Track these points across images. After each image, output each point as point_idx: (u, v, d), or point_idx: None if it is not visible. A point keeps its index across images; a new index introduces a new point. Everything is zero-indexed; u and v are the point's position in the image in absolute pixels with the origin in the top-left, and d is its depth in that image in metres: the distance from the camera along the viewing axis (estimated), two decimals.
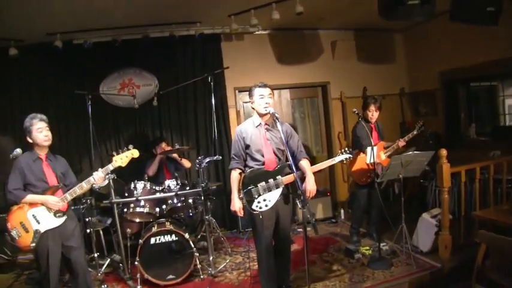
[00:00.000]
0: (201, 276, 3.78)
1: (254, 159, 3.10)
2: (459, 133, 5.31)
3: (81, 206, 3.96)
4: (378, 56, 6.05)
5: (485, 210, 3.63)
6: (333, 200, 5.57)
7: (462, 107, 5.34)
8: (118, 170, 3.15)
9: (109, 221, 4.36)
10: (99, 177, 2.95)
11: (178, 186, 4.09)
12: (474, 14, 3.61)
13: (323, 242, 4.56)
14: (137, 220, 4.16)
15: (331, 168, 5.84)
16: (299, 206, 2.59)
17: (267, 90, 3.09)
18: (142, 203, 4.03)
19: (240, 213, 3.07)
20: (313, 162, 3.21)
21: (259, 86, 3.09)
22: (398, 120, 6.12)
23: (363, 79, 5.86)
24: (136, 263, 3.61)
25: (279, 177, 3.02)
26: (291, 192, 3.12)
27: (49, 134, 2.96)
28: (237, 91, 5.56)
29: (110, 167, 2.98)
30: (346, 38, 5.87)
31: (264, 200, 3.01)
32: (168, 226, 3.78)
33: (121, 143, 5.10)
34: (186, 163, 4.80)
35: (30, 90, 4.75)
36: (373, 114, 4.16)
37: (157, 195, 4.03)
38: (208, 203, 4.09)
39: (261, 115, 3.10)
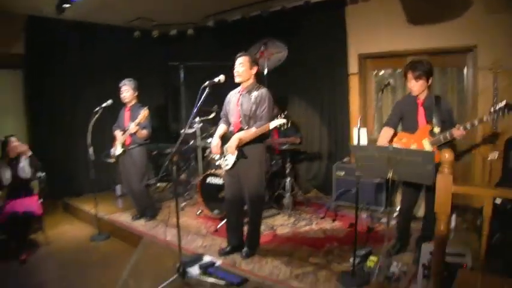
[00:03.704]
0: None
1: (229, 123, 3.45)
2: None
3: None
4: None
5: None
6: None
7: None
8: None
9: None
10: (133, 128, 4.09)
11: None
12: None
13: (372, 235, 3.84)
14: None
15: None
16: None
17: (239, 60, 3.23)
18: None
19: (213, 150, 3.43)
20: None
21: (237, 56, 3.27)
22: None
23: None
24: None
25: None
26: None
27: (123, 94, 4.27)
28: (361, 57, 5.21)
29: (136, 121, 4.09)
30: None
31: (225, 160, 3.38)
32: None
33: None
34: None
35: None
36: (412, 84, 3.14)
37: None
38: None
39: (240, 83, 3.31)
